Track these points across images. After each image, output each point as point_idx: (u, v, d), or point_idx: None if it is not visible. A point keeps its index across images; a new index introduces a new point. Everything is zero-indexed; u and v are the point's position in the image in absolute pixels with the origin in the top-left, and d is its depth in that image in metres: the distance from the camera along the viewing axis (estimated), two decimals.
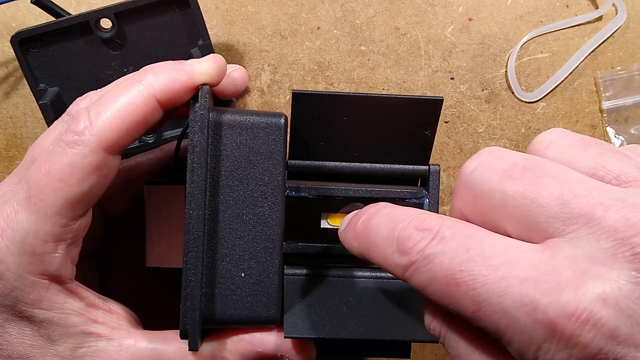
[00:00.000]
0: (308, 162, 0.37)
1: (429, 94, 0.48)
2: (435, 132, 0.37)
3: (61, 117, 0.36)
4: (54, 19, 0.43)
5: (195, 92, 0.33)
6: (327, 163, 0.37)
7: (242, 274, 0.33)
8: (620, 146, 0.46)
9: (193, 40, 0.42)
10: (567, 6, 0.48)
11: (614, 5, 0.47)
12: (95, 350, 0.33)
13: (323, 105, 0.35)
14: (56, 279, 0.32)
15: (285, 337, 0.33)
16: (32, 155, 0.34)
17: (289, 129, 0.35)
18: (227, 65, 0.36)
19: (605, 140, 0.47)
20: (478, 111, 0.48)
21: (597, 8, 0.47)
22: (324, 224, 0.37)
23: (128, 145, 0.33)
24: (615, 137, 0.46)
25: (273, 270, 0.33)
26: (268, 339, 0.34)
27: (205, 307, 0.32)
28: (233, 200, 0.33)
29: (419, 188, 0.37)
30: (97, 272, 0.44)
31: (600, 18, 0.47)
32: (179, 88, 0.32)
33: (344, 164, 0.37)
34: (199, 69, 0.33)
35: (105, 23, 0.41)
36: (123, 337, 0.34)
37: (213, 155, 0.33)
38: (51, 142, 0.33)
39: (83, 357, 0.33)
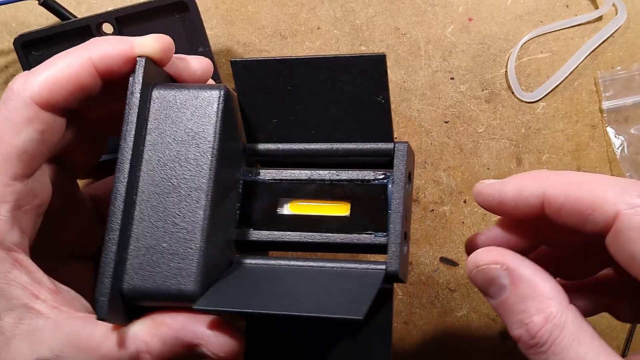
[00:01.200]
0: (265, 145, 0.36)
1: (429, 94, 0.48)
2: (389, 98, 0.34)
3: None
4: (55, 19, 0.44)
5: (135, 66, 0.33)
6: (285, 145, 0.35)
7: (164, 244, 0.32)
8: (620, 146, 0.46)
9: (193, 47, 0.42)
10: (567, 6, 0.48)
11: (614, 5, 0.47)
12: (34, 329, 0.32)
13: (264, 75, 0.34)
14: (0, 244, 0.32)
15: (194, 308, 0.30)
16: None
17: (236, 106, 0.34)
18: (195, 56, 0.36)
19: (605, 141, 0.47)
20: (478, 111, 0.48)
21: (597, 8, 0.47)
22: (282, 210, 0.35)
23: (65, 107, 0.33)
24: (615, 137, 0.46)
25: (195, 242, 0.31)
26: (189, 326, 0.32)
27: (125, 278, 0.31)
28: (162, 172, 0.32)
29: (385, 170, 0.34)
30: (93, 275, 0.42)
31: (600, 18, 0.47)
32: (116, 55, 0.33)
33: (304, 145, 0.35)
34: (139, 41, 0.33)
35: (107, 27, 0.41)
36: (61, 318, 0.32)
37: (145, 127, 0.32)
38: None
39: (23, 334, 0.32)
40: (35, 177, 0.33)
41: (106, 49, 0.33)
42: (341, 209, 0.34)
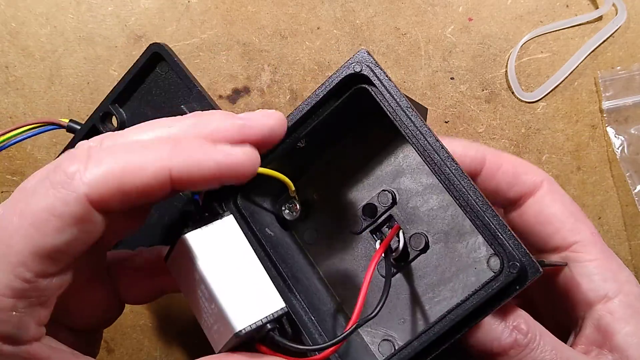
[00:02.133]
0: None
1: (429, 94, 0.48)
2: None
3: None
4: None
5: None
6: None
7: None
8: (620, 146, 0.46)
9: (184, 95, 0.38)
10: (567, 6, 0.48)
11: (614, 5, 0.47)
12: None
13: None
14: (11, 340, 0.27)
15: None
16: (14, 197, 0.29)
17: None
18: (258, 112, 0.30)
19: (605, 141, 0.47)
20: (478, 111, 0.48)
21: (597, 8, 0.47)
22: None
23: (122, 209, 0.28)
24: (615, 137, 0.46)
25: None
26: None
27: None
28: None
29: None
30: (99, 343, 0.39)
31: (600, 18, 0.47)
32: (205, 171, 0.27)
33: None
34: (239, 158, 0.28)
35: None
36: None
37: None
38: (38, 178, 0.28)
39: None
40: (65, 272, 0.28)
41: (189, 164, 0.27)
42: None
